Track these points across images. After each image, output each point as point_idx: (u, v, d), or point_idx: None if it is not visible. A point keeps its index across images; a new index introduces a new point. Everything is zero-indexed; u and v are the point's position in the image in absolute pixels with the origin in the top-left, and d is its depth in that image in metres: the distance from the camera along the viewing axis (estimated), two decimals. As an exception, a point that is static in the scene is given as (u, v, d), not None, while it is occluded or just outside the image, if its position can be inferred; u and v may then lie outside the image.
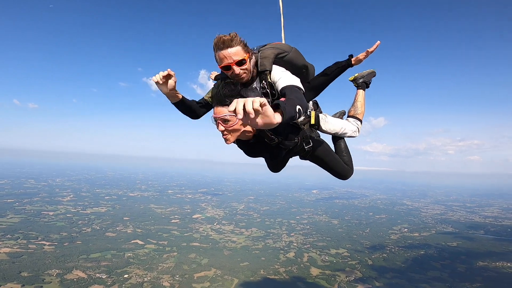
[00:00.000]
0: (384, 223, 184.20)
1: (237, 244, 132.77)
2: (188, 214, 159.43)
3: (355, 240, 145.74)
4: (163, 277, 79.15)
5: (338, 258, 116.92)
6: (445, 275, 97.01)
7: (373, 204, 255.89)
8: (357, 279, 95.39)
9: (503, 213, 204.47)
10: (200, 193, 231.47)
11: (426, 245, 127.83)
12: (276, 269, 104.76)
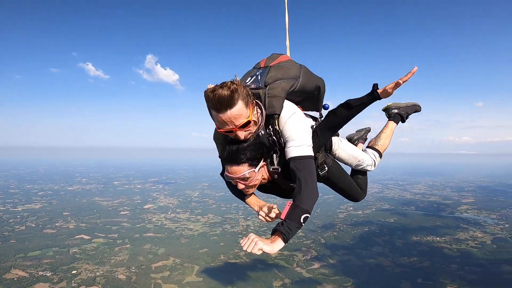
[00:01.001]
0: (332, 203, 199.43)
1: (194, 232, 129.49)
2: (138, 205, 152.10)
3: (308, 220, 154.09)
4: (118, 270, 75.97)
5: (294, 239, 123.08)
6: (386, 250, 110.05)
7: (322, 185, 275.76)
8: (313, 258, 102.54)
9: (430, 190, 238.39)
10: (151, 183, 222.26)
11: (368, 222, 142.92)
12: (236, 253, 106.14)
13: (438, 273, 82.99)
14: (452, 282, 75.12)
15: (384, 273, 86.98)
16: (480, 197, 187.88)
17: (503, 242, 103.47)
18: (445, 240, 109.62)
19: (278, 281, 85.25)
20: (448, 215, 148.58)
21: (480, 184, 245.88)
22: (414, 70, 3.37)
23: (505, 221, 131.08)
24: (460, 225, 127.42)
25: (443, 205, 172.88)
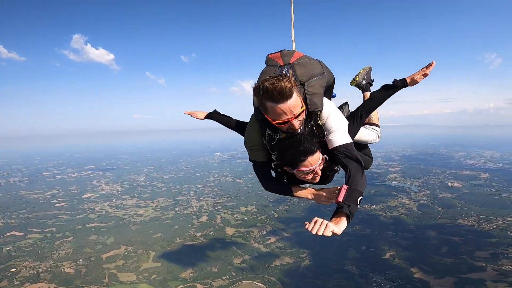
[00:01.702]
0: None
1: (145, 217, 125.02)
2: (76, 195, 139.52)
3: (260, 196, 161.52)
4: (63, 264, 71.65)
5: (249, 215, 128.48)
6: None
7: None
8: (268, 232, 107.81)
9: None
10: (88, 171, 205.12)
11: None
12: (192, 235, 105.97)
13: (377, 240, 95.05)
14: (390, 248, 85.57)
15: (334, 242, 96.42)
16: (405, 166, 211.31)
17: (426, 208, 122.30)
18: (380, 208, 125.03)
19: (238, 258, 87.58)
20: (381, 184, 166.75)
21: (404, 153, 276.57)
22: (434, 63, 4.04)
23: (426, 187, 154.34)
24: (391, 193, 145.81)
25: (376, 174, 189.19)
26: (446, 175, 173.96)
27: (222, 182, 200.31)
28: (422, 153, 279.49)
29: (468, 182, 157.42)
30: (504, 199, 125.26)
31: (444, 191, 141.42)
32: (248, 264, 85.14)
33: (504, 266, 69.47)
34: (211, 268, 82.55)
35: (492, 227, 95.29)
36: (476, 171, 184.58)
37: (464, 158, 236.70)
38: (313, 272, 78.82)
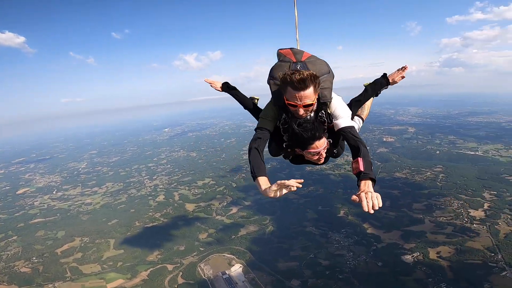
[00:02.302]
0: (236, 146, 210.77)
1: (95, 205, 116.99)
2: (8, 192, 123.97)
3: (215, 167, 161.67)
4: (16, 264, 67.35)
5: (207, 188, 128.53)
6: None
7: (223, 130, 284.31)
8: (229, 203, 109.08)
9: None
10: (17, 164, 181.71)
11: (269, 159, 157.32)
12: (151, 216, 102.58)
13: (331, 198, 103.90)
14: (342, 206, 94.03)
15: (292, 205, 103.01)
16: None
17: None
18: (329, 166, 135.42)
19: (203, 233, 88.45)
20: None
21: None
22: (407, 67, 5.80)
23: (366, 143, 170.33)
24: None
25: None
26: (381, 131, 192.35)
27: (174, 158, 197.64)
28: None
29: (399, 136, 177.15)
30: (429, 151, 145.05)
31: (381, 146, 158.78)
32: (214, 237, 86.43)
33: (438, 217, 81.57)
34: (178, 247, 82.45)
35: (423, 178, 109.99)
36: (405, 126, 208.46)
37: (394, 115, 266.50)
38: (277, 237, 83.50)
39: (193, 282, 68.28)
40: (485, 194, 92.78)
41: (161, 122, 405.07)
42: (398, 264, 64.08)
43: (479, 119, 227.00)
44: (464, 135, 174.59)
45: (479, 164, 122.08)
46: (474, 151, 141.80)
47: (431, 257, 65.03)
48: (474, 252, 63.75)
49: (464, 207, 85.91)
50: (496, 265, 58.49)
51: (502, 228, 73.18)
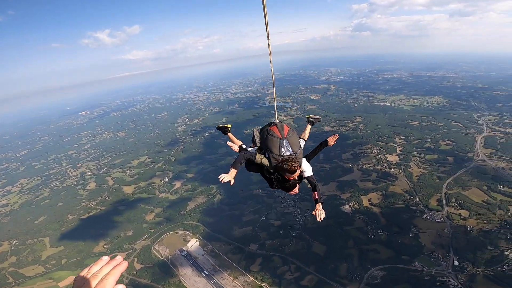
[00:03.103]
0: (168, 119, 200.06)
1: (13, 206, 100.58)
2: None
3: (149, 143, 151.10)
4: None
5: (144, 167, 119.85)
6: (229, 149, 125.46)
7: (152, 105, 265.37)
8: (171, 179, 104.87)
9: (244, 88, 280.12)
10: None
11: (206, 127, 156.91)
12: (85, 207, 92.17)
13: None
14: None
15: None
16: (277, 88, 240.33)
17: (300, 121, 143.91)
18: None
19: (150, 214, 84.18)
20: (262, 106, 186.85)
21: (276, 77, 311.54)
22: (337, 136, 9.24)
23: (296, 103, 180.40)
24: (271, 112, 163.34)
25: (256, 98, 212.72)
26: (308, 91, 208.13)
27: (99, 141, 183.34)
28: (288, 75, 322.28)
29: (323, 93, 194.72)
30: (349, 104, 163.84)
31: (309, 104, 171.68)
32: (162, 216, 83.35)
33: (364, 165, 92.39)
34: (125, 233, 77.86)
35: (347, 129, 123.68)
36: (328, 84, 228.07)
37: (318, 76, 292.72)
38: (227, 204, 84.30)
39: (151, 265, 65.71)
40: (396, 139, 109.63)
41: (76, 106, 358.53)
42: (340, 215, 71.56)
43: (385, 75, 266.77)
44: (374, 89, 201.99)
45: (388, 113, 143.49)
46: (384, 102, 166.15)
47: (364, 205, 74.32)
48: (397, 197, 74.54)
49: (382, 153, 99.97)
50: (416, 208, 69.35)
51: (414, 170, 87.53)
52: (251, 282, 57.57)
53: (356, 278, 54.41)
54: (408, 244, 59.25)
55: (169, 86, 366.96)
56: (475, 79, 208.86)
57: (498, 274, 49.96)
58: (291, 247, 63.60)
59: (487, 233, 58.83)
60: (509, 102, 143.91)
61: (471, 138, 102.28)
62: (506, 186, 72.76)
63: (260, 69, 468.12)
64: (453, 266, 53.37)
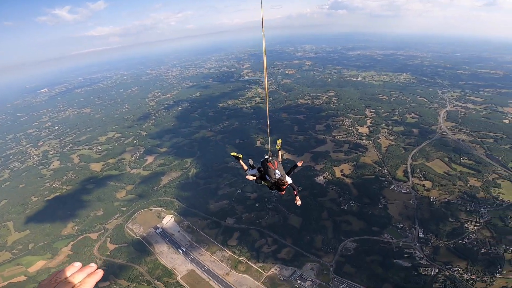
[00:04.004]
0: (139, 94, 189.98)
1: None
2: None
3: (118, 119, 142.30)
4: None
5: (113, 143, 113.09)
6: (204, 122, 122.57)
7: (120, 81, 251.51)
8: (142, 154, 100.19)
9: (219, 63, 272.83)
10: None
11: (179, 101, 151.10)
12: (50, 187, 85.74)
13: (246, 130, 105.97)
14: (258, 136, 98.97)
15: (210, 143, 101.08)
16: (253, 62, 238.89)
17: (275, 94, 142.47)
18: (241, 101, 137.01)
19: (121, 191, 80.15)
20: (237, 80, 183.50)
21: (250, 53, 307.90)
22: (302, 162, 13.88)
23: (271, 77, 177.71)
24: (247, 86, 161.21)
25: (231, 72, 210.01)
26: (283, 66, 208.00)
27: (62, 118, 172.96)
28: (260, 50, 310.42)
29: (298, 69, 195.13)
30: (323, 79, 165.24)
31: (284, 78, 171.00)
32: (134, 193, 79.77)
33: (336, 136, 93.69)
34: (95, 213, 73.80)
35: (320, 102, 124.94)
36: (303, 60, 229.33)
37: (294, 52, 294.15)
38: (202, 178, 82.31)
39: (126, 245, 62.93)
40: (367, 112, 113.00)
41: (35, 84, 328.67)
42: (314, 186, 72.52)
43: (358, 52, 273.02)
44: (347, 65, 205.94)
45: (360, 87, 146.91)
46: (356, 77, 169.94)
47: (337, 175, 75.55)
48: (367, 167, 76.42)
49: (353, 125, 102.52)
50: (384, 178, 71.51)
51: (383, 141, 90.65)
52: (229, 256, 57.24)
53: (331, 250, 55.78)
54: (378, 215, 61.59)
55: (140, 62, 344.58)
56: (441, 58, 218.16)
57: (459, 247, 52.61)
58: (268, 220, 63.57)
59: (449, 205, 62.43)
60: (471, 80, 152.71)
61: (435, 112, 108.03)
62: (466, 157, 77.70)
63: (236, 44, 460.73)
64: (419, 238, 55.89)
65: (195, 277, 54.08)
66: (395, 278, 48.46)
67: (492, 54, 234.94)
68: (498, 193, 64.37)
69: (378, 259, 52.72)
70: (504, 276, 46.31)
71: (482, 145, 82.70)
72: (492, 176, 70.29)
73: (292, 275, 52.06)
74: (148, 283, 52.14)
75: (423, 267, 50.06)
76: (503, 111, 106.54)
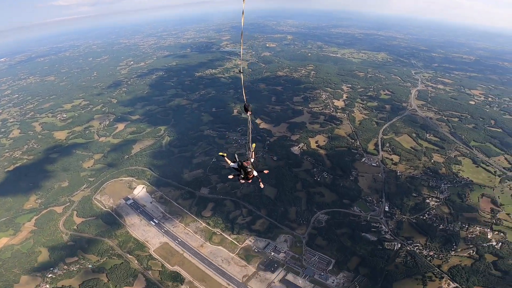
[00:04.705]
0: (109, 63, 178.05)
1: None
2: None
3: (86, 86, 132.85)
4: None
5: (79, 110, 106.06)
6: (180, 91, 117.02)
7: (89, 50, 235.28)
8: (113, 121, 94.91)
9: (198, 34, 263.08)
10: None
11: (154, 69, 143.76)
12: (10, 157, 79.34)
13: (223, 99, 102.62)
14: (235, 105, 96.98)
15: (186, 111, 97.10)
16: (233, 35, 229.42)
17: (255, 66, 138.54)
18: (219, 71, 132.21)
19: (88, 160, 75.41)
20: (216, 51, 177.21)
21: (231, 25, 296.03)
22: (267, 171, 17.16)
23: (252, 49, 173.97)
24: (226, 57, 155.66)
25: (210, 43, 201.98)
26: (264, 39, 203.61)
27: (23, 86, 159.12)
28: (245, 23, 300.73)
29: (279, 42, 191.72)
30: (303, 53, 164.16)
31: (264, 51, 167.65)
32: (103, 162, 75.56)
33: (313, 108, 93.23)
34: (60, 184, 68.74)
35: (299, 75, 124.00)
36: (284, 34, 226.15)
37: (276, 26, 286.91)
38: (177, 146, 79.30)
39: (94, 218, 59.33)
40: (343, 87, 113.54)
41: None
42: (290, 156, 72.27)
43: (339, 30, 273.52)
44: (328, 42, 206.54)
45: (338, 63, 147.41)
46: (335, 54, 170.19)
47: (312, 146, 75.84)
48: (340, 139, 77.24)
49: (330, 98, 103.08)
50: (356, 151, 72.61)
51: (357, 115, 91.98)
52: (204, 228, 56.15)
53: (304, 222, 56.60)
54: (349, 188, 62.87)
55: (112, 32, 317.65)
56: (418, 41, 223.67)
57: (420, 222, 54.85)
58: (243, 190, 62.60)
59: (413, 179, 64.76)
60: (443, 63, 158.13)
61: (407, 90, 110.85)
62: (432, 134, 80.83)
63: (217, 16, 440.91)
64: (385, 212, 57.89)
65: (169, 250, 52.66)
66: (362, 251, 49.92)
67: (467, 40, 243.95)
68: (458, 170, 67.92)
69: (348, 232, 54.10)
70: (458, 254, 48.32)
71: (448, 124, 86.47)
72: (454, 153, 73.99)
73: (266, 247, 52.39)
74: (120, 257, 50.02)
75: (387, 241, 51.92)
76: (470, 93, 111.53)
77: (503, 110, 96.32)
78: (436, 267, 46.19)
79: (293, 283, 46.12)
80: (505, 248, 48.12)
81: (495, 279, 43.24)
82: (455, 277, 44.08)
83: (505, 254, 46.68)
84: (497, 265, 45.07)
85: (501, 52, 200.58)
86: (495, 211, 55.73)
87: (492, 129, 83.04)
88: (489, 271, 44.32)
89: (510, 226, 52.38)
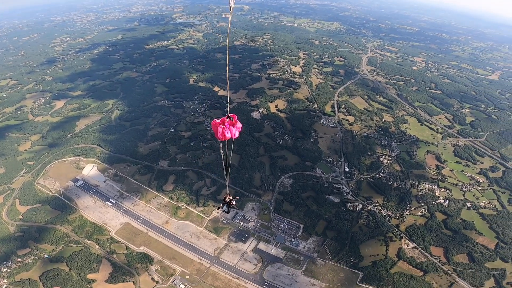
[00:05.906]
0: (39, 41, 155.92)
1: None
2: None
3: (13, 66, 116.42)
4: None
5: (8, 90, 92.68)
6: (128, 64, 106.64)
7: (14, 30, 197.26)
8: (49, 99, 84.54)
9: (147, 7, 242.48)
10: None
11: (95, 44, 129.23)
12: None
13: (178, 70, 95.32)
14: (191, 74, 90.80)
15: (137, 84, 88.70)
16: (186, 6, 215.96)
17: (210, 36, 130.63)
18: (172, 42, 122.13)
19: (24, 143, 65.79)
20: (168, 23, 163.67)
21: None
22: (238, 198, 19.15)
23: (207, 20, 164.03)
24: (179, 28, 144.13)
25: (161, 16, 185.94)
26: (220, 9, 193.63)
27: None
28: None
29: (236, 13, 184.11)
30: (260, 23, 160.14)
31: (220, 21, 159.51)
32: (43, 144, 66.43)
33: (271, 74, 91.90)
34: (-5, 172, 60.72)
35: (256, 44, 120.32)
36: (241, 5, 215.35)
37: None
38: (128, 119, 72.57)
39: (40, 205, 51.98)
40: (300, 54, 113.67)
41: None
42: (250, 121, 70.16)
43: (295, 1, 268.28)
44: (285, 12, 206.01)
45: (295, 32, 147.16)
46: (292, 23, 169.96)
47: (272, 110, 74.68)
48: (299, 103, 77.20)
49: (287, 65, 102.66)
50: (315, 113, 73.05)
51: (314, 80, 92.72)
52: (167, 203, 52.57)
53: (269, 188, 55.64)
54: (310, 149, 63.29)
55: (41, 10, 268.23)
56: (368, 13, 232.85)
57: (377, 181, 56.68)
58: (204, 159, 59.61)
59: (368, 138, 67.14)
60: (390, 33, 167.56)
61: (359, 57, 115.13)
62: (381, 96, 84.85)
63: None
64: (345, 172, 59.06)
65: (132, 230, 48.42)
66: (327, 214, 50.69)
67: (411, 13, 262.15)
68: (405, 128, 72.24)
69: (313, 195, 54.42)
70: (412, 213, 50.97)
71: (395, 86, 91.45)
72: (401, 113, 78.63)
73: (235, 217, 51.23)
74: (77, 243, 44.99)
75: (349, 202, 53.33)
76: (413, 60, 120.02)
77: (442, 75, 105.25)
78: (395, 227, 48.43)
79: (266, 252, 45.70)
80: (452, 206, 51.97)
81: (448, 238, 46.37)
82: (412, 236, 46.81)
83: (453, 212, 50.46)
84: (447, 224, 48.46)
85: (440, 24, 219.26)
86: (440, 168, 60.11)
87: (433, 91, 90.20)
88: (441, 230, 47.42)
89: (454, 182, 56.53)
